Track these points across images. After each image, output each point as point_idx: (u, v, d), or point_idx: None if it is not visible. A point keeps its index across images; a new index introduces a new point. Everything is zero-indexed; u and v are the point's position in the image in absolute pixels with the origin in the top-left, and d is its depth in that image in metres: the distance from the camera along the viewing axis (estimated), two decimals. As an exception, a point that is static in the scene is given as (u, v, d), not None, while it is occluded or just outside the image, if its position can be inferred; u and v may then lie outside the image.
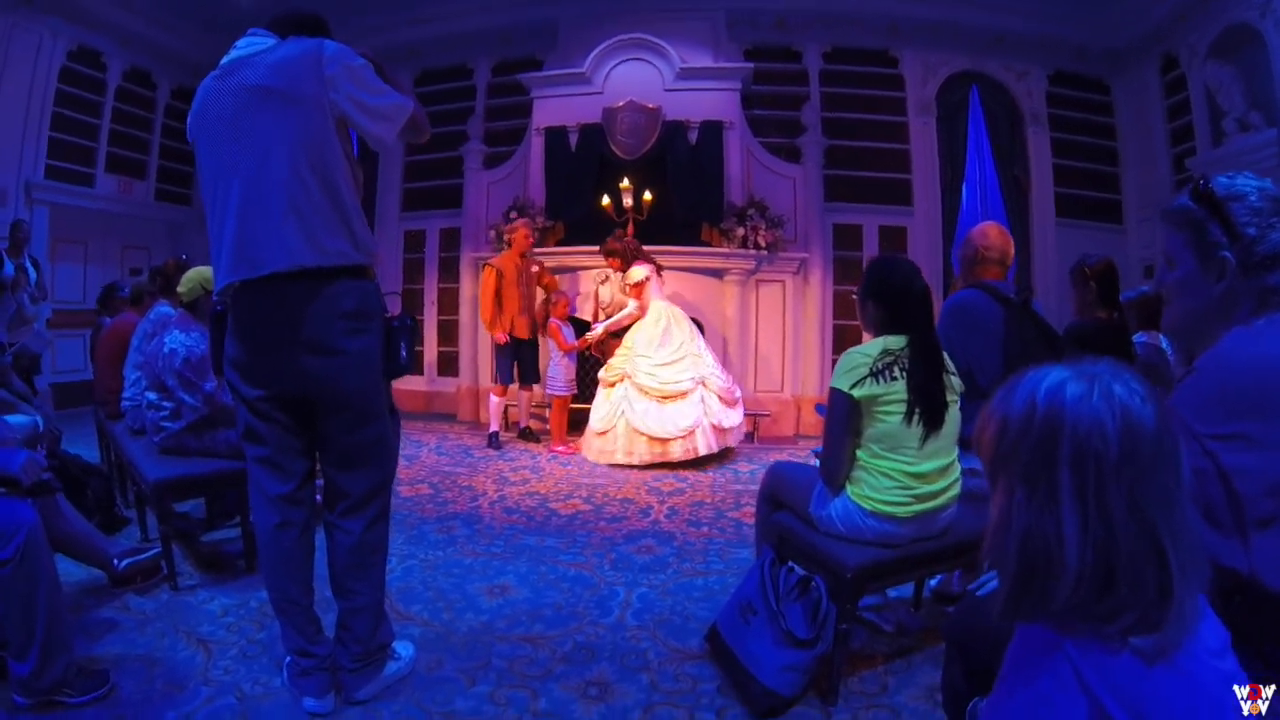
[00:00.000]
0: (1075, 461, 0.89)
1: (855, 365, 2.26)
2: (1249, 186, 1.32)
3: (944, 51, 7.51)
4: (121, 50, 7.71)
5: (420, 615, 2.87)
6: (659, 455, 5.36)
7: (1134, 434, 0.89)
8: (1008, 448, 0.95)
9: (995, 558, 0.97)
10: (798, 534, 2.47)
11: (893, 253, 2.29)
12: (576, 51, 7.30)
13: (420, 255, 8.14)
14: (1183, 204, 1.38)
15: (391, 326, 2.24)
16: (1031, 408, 0.93)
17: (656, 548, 3.68)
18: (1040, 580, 0.91)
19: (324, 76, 2.01)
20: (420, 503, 4.45)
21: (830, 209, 7.32)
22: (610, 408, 5.61)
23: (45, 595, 2.07)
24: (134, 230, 8.14)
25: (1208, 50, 6.43)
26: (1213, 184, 1.34)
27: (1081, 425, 0.89)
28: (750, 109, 7.35)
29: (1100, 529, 0.88)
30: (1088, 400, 0.90)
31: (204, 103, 2.11)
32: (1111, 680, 0.87)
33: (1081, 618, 0.89)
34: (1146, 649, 0.87)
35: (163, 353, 3.25)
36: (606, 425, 5.57)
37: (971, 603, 1.59)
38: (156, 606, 2.88)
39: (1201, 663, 0.90)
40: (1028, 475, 0.92)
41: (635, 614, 2.91)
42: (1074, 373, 0.93)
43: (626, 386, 5.57)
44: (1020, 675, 0.92)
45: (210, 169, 2.11)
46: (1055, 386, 0.93)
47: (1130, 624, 0.88)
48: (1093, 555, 0.88)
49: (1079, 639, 0.89)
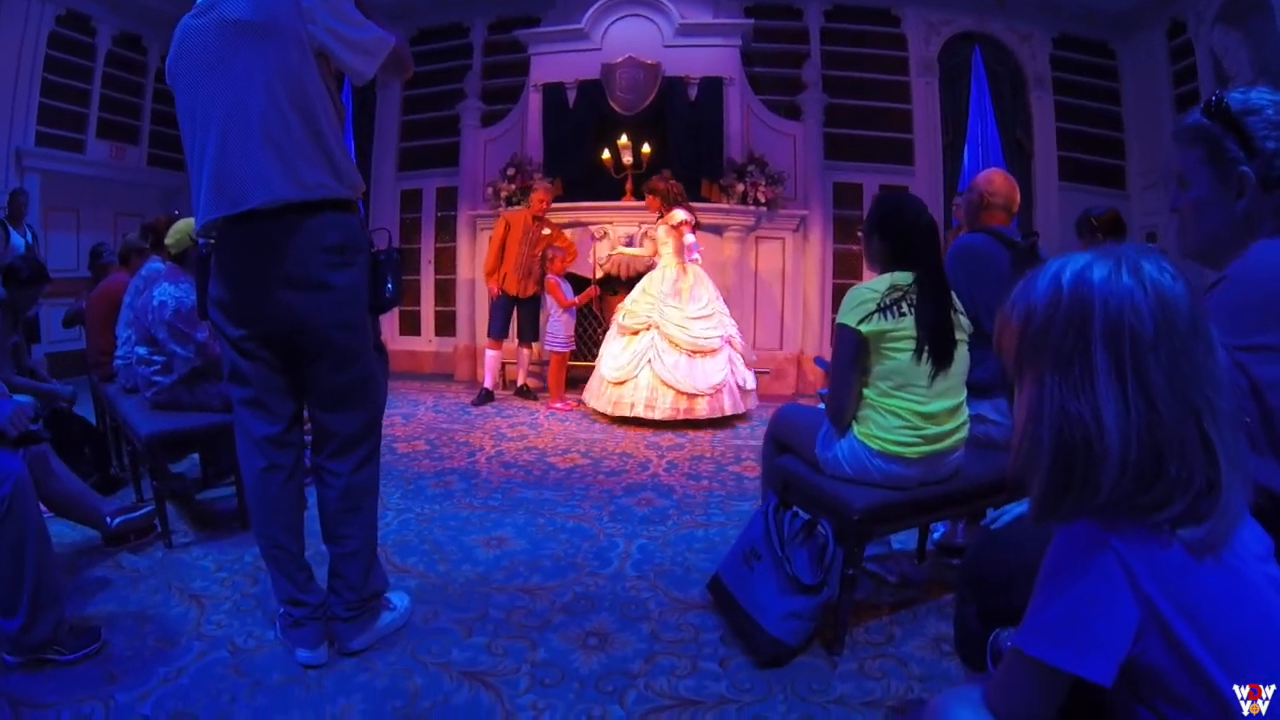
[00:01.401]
0: (1110, 338, 0.84)
1: (863, 300, 2.19)
2: (1265, 100, 1.26)
3: (947, 11, 7.37)
4: (111, 15, 7.55)
5: (416, 567, 2.84)
6: (684, 411, 5.18)
7: (1168, 309, 0.84)
8: (1035, 335, 0.90)
9: (1027, 455, 0.92)
10: (802, 478, 2.42)
11: (898, 191, 2.24)
12: (575, 8, 7.15)
13: (417, 215, 8.05)
14: (1196, 120, 1.31)
15: (378, 260, 2.19)
16: (1057, 291, 0.88)
17: (656, 500, 3.65)
18: (1080, 470, 0.86)
19: (302, 9, 1.95)
20: (416, 458, 4.41)
21: (830, 167, 7.23)
22: (632, 357, 5.37)
23: (34, 548, 2.02)
24: (127, 196, 8.00)
25: (1215, 15, 6.29)
26: (1228, 98, 1.27)
27: (1113, 301, 0.85)
28: (751, 66, 7.24)
29: (1142, 408, 0.83)
30: (1116, 278, 0.86)
31: (181, 41, 2.04)
32: (1161, 575, 0.83)
33: (1128, 510, 0.85)
34: (1195, 541, 0.83)
35: (152, 305, 3.18)
36: (626, 375, 5.37)
37: (986, 537, 1.54)
38: (150, 564, 2.84)
39: (1248, 563, 0.85)
40: (1058, 359, 0.87)
41: (635, 565, 2.88)
42: (1097, 254, 0.89)
43: (654, 336, 5.33)
44: (1062, 578, 0.87)
45: (188, 108, 2.04)
46: (1081, 269, 0.88)
47: (1179, 513, 0.83)
48: (1136, 437, 0.83)
49: (1125, 534, 0.84)
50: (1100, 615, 0.83)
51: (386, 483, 3.51)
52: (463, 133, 7.59)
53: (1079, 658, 0.84)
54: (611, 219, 6.65)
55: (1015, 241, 2.76)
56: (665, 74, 6.85)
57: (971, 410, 2.38)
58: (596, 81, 6.93)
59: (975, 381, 2.41)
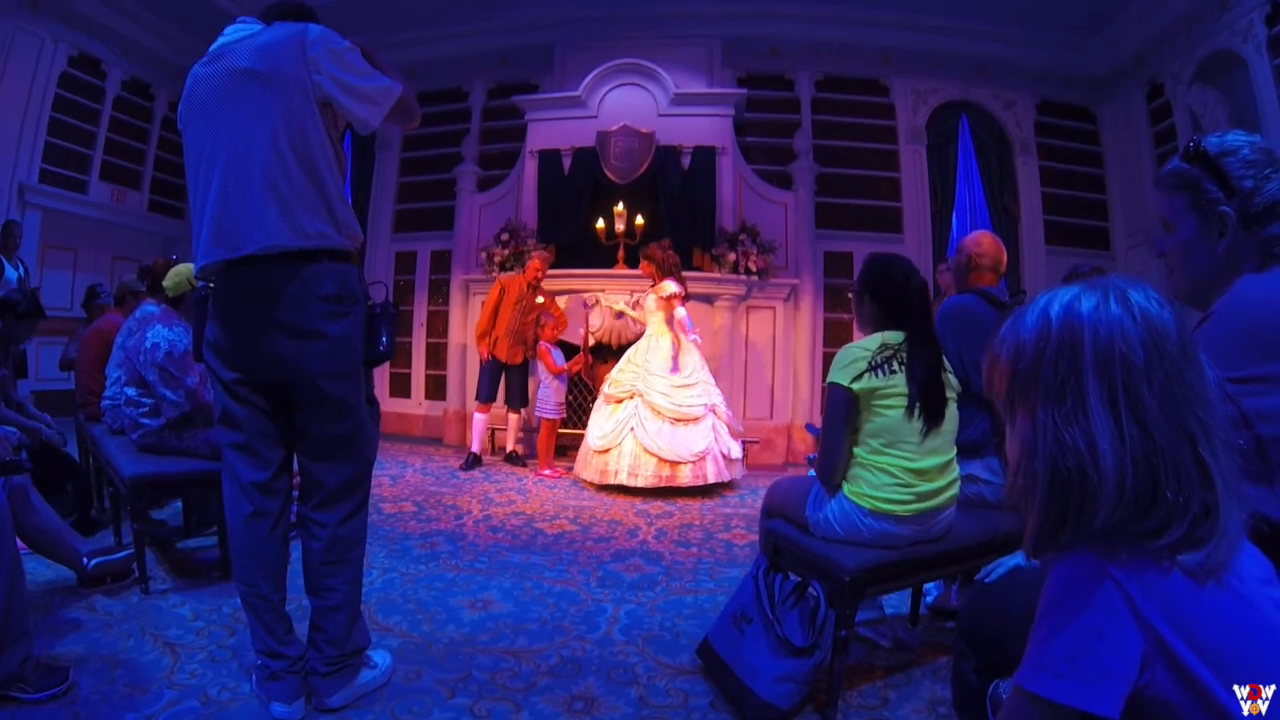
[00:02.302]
0: (1101, 367, 0.85)
1: (854, 359, 2.21)
2: (1240, 141, 1.32)
3: (934, 80, 7.61)
4: (122, 60, 7.74)
5: (399, 626, 2.77)
6: (666, 479, 5.16)
7: (1157, 335, 0.85)
8: (1026, 369, 0.91)
9: (1023, 489, 0.91)
10: (793, 540, 2.39)
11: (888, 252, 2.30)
12: (572, 75, 7.35)
13: (411, 277, 8.10)
14: (1176, 166, 1.37)
15: (374, 312, 2.19)
16: (1046, 324, 0.89)
17: (645, 566, 3.59)
18: (1076, 499, 0.85)
19: (307, 58, 1.99)
20: (403, 519, 4.35)
21: (821, 236, 7.34)
22: (615, 425, 5.40)
23: (5, 580, 1.99)
24: (125, 240, 8.08)
25: (1192, 76, 6.51)
26: (1205, 142, 1.34)
27: (1102, 330, 0.86)
28: (743, 136, 7.39)
29: (1137, 434, 0.83)
30: (1105, 307, 0.87)
31: (191, 88, 2.10)
32: (1163, 602, 0.81)
33: (1126, 538, 0.84)
34: (1195, 566, 0.82)
35: (144, 347, 3.17)
36: (610, 443, 5.36)
37: (981, 591, 1.52)
38: (125, 608, 2.77)
39: (1252, 587, 0.84)
40: (1051, 391, 0.88)
41: (623, 629, 2.81)
42: (1084, 286, 0.90)
43: (638, 404, 5.36)
44: (1063, 611, 0.85)
45: (194, 153, 2.08)
46: (1069, 301, 0.89)
47: (1177, 539, 0.82)
48: (1132, 463, 0.83)
49: (1123, 562, 0.83)
50: (1104, 646, 0.82)
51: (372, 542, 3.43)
52: (459, 196, 7.68)
53: (1085, 691, 0.82)
54: (604, 287, 6.68)
55: (1004, 301, 2.79)
56: (659, 143, 6.97)
57: (963, 470, 2.37)
58: (591, 149, 7.04)
59: (966, 441, 2.42)
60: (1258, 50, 5.78)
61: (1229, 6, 6.03)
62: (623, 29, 7.47)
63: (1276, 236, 1.28)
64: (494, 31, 7.88)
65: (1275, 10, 5.65)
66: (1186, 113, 6.60)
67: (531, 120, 7.36)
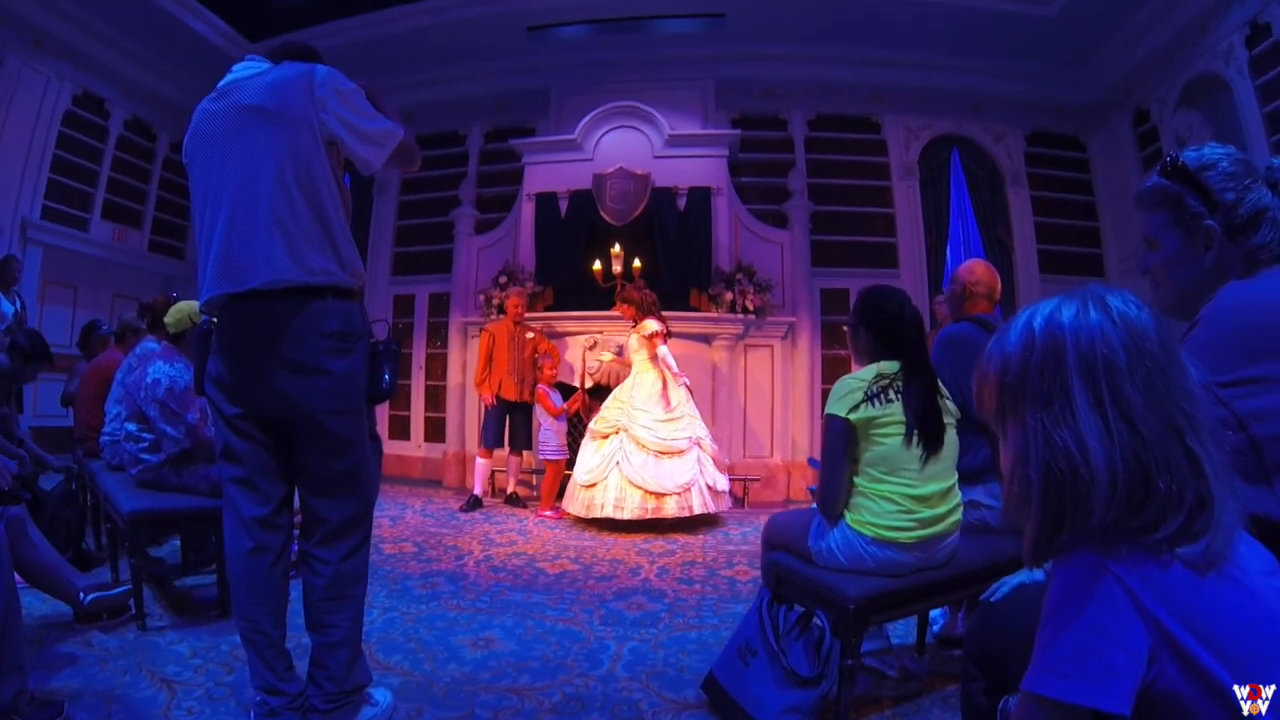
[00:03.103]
0: (1085, 370, 0.87)
1: (850, 390, 2.23)
2: (1219, 154, 1.34)
3: (925, 116, 7.73)
4: (125, 100, 7.86)
5: (400, 665, 2.73)
6: (653, 510, 5.18)
7: (1137, 336, 0.88)
8: (1013, 381, 0.93)
9: (1018, 497, 0.93)
10: (796, 571, 2.38)
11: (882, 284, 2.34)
12: (568, 118, 7.46)
13: (410, 320, 8.14)
14: (1156, 183, 1.38)
15: (376, 350, 2.19)
16: (1030, 336, 0.92)
17: (647, 604, 3.55)
18: (1071, 499, 0.86)
19: (315, 97, 2.02)
20: (404, 559, 4.32)
21: (817, 273, 7.39)
22: (601, 460, 5.46)
23: (1, 612, 1.97)
24: (126, 279, 8.12)
25: (1177, 100, 6.61)
26: (1183, 157, 1.35)
27: (1084, 336, 0.88)
28: (738, 176, 7.48)
29: (1124, 430, 0.85)
30: (1084, 314, 0.90)
31: (198, 124, 2.12)
32: (1165, 595, 0.81)
33: (1123, 535, 0.84)
34: (1195, 557, 0.83)
35: (145, 382, 3.18)
36: (596, 478, 5.40)
37: (986, 610, 1.51)
38: (121, 644, 2.74)
39: (1254, 578, 0.85)
40: (1038, 399, 0.90)
41: (626, 666, 2.78)
42: (1064, 298, 0.93)
43: (623, 439, 5.43)
44: (1066, 612, 0.85)
45: (201, 188, 2.09)
46: (1050, 312, 0.92)
47: (1174, 532, 0.83)
48: (1122, 460, 0.85)
49: (1122, 558, 0.84)
50: (1110, 643, 0.81)
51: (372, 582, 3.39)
52: (457, 239, 7.75)
53: (1093, 689, 0.81)
54: (602, 329, 6.71)
55: (998, 329, 2.83)
56: (655, 184, 7.03)
57: (965, 496, 2.37)
58: (588, 191, 7.10)
59: (967, 468, 2.42)
60: (1239, 72, 5.90)
61: (1209, 30, 6.15)
62: (617, 72, 7.62)
63: (1261, 245, 1.29)
64: (491, 75, 8.02)
65: (1255, 32, 5.77)
66: (1173, 137, 6.69)
67: (528, 163, 7.45)
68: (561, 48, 7.73)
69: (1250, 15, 5.75)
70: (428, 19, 7.50)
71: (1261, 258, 1.30)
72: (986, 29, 7.17)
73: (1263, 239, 1.29)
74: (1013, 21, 7.05)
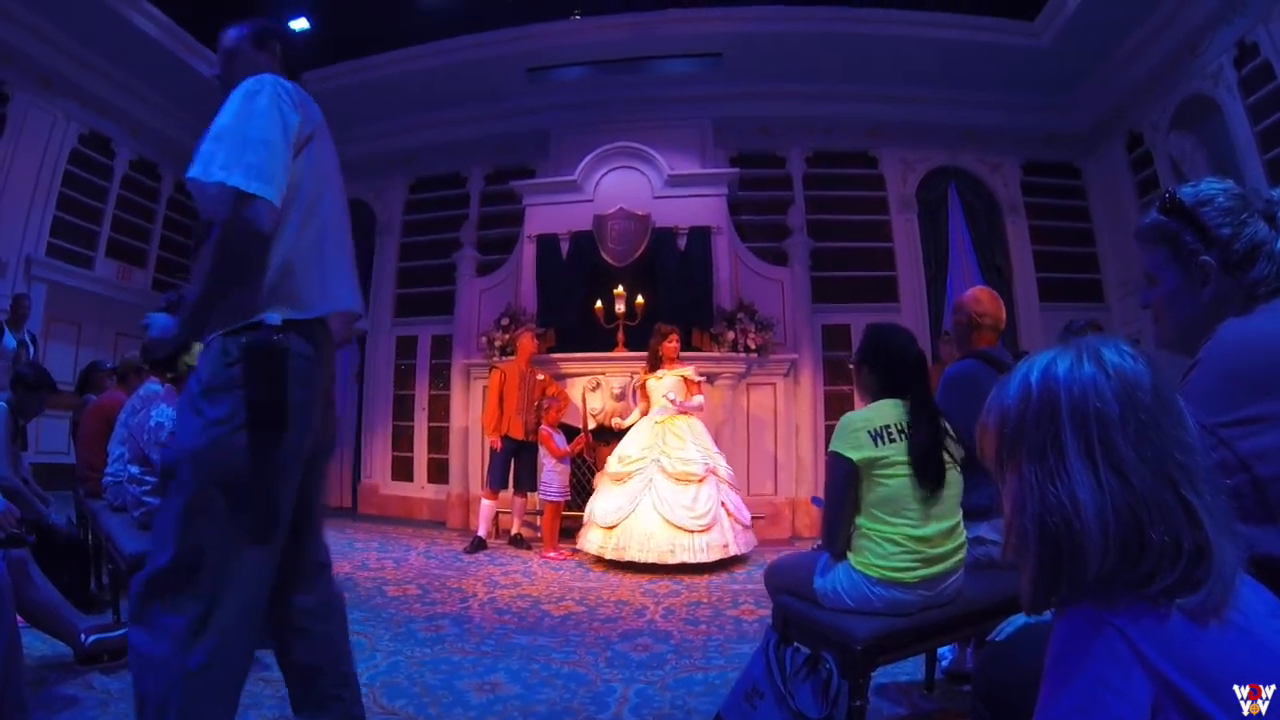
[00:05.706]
0: (1077, 423, 0.89)
1: (854, 429, 2.22)
2: (1215, 189, 1.35)
3: (921, 149, 7.82)
4: (131, 139, 7.98)
5: (405, 710, 2.71)
6: (681, 550, 5.12)
7: (1131, 388, 0.89)
8: (1011, 433, 0.95)
9: (1016, 547, 0.94)
10: (801, 613, 2.36)
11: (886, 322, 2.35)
12: (568, 160, 7.52)
13: (412, 361, 8.17)
14: (1154, 220, 1.40)
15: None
16: (1027, 390, 0.94)
17: (653, 645, 3.53)
18: (1066, 552, 0.87)
19: None
20: (408, 602, 4.29)
21: (818, 310, 7.43)
22: (625, 497, 5.42)
23: (3, 653, 1.97)
24: (129, 318, 8.04)
25: (1169, 123, 6.67)
26: (1180, 194, 1.36)
27: (1077, 389, 0.90)
28: (737, 214, 7.54)
29: (1115, 482, 0.86)
30: (1079, 368, 0.92)
31: (309, 102, 1.88)
32: (1166, 646, 0.81)
33: (1122, 588, 0.85)
34: (1194, 607, 0.83)
35: (149, 425, 3.19)
36: (618, 518, 5.35)
37: (993, 650, 1.51)
38: (122, 686, 2.70)
39: (1258, 622, 0.85)
40: (1034, 451, 0.92)
41: (633, 709, 2.75)
42: (1060, 350, 0.95)
43: (653, 472, 5.41)
44: (1067, 666, 0.85)
45: (314, 171, 1.83)
46: (1046, 366, 0.94)
47: (1172, 583, 0.83)
48: (1114, 512, 0.85)
49: (1123, 611, 0.84)
50: (1112, 696, 0.81)
51: (376, 625, 3.40)
52: (458, 281, 7.78)
53: None
54: (604, 370, 6.69)
55: (1006, 363, 2.79)
56: (655, 224, 7.08)
57: (970, 533, 2.35)
58: (589, 233, 7.15)
59: (974, 506, 2.42)
60: (1229, 92, 5.97)
61: (1199, 53, 6.23)
62: (616, 112, 7.72)
63: (1259, 280, 1.30)
64: (491, 117, 8.13)
65: (1243, 53, 5.85)
66: (1167, 160, 6.75)
67: (529, 204, 7.50)
68: (561, 89, 7.85)
69: (1238, 36, 5.84)
70: (429, 62, 7.64)
71: (1259, 292, 1.30)
72: (979, 61, 7.29)
73: (1260, 273, 1.30)
74: (1005, 53, 7.19)
